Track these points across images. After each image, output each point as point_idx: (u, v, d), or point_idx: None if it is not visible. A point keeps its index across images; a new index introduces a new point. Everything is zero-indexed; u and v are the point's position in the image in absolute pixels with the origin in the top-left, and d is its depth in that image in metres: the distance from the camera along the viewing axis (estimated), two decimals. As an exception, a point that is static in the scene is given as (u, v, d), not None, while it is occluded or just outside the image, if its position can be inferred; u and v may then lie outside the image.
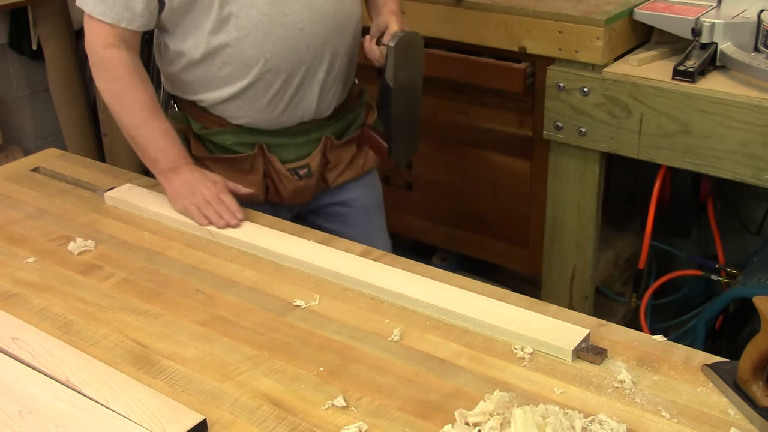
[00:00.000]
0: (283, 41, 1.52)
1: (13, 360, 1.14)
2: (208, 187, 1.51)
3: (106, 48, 1.51)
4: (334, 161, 1.70)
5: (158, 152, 1.55)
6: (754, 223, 2.30)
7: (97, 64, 1.53)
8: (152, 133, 1.54)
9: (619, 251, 2.29)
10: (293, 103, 1.60)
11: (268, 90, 1.56)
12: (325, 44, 1.56)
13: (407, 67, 1.55)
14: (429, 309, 1.25)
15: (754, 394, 1.01)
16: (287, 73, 1.55)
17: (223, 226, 1.47)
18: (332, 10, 1.55)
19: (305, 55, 1.55)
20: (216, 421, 1.04)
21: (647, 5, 1.96)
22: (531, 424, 0.95)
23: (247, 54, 1.52)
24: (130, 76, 1.52)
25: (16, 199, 1.64)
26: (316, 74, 1.58)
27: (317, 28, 1.54)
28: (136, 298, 1.31)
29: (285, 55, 1.53)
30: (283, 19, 1.50)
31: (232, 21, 1.49)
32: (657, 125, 1.82)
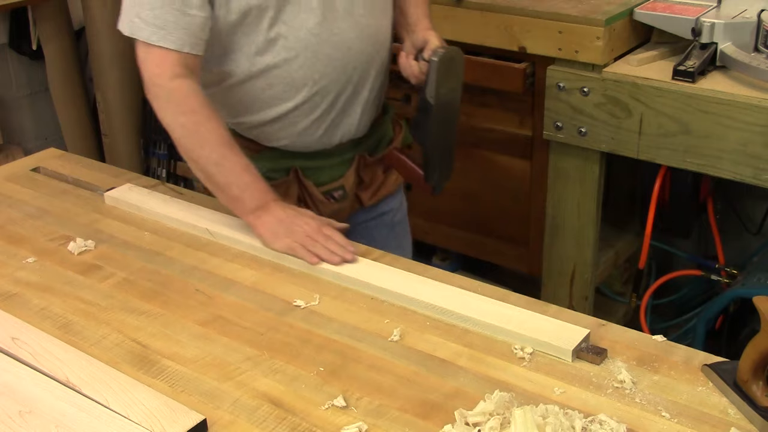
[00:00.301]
0: (333, 62, 1.46)
1: (13, 360, 1.14)
2: (307, 222, 1.39)
3: (174, 79, 1.37)
4: (368, 179, 1.64)
5: (243, 190, 1.41)
6: (754, 223, 2.30)
7: (164, 97, 1.39)
8: (234, 169, 1.41)
9: (619, 251, 2.29)
10: (335, 124, 1.53)
11: (313, 112, 1.50)
12: (370, 63, 1.52)
13: (448, 84, 1.48)
14: (429, 309, 1.25)
15: (754, 394, 1.01)
16: (335, 94, 1.50)
17: (339, 262, 1.34)
18: (375, 27, 1.51)
19: (352, 74, 1.50)
20: (216, 421, 1.04)
21: (647, 5, 1.96)
22: (531, 424, 0.95)
23: (295, 75, 1.45)
24: (202, 108, 1.39)
25: (16, 199, 1.64)
26: (360, 94, 1.53)
27: (364, 47, 1.49)
28: (136, 298, 1.31)
29: (334, 75, 1.47)
30: (332, 38, 1.44)
31: (280, 42, 1.42)
32: (657, 125, 1.82)
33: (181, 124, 1.40)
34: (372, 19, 1.50)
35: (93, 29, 3.10)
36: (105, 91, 3.19)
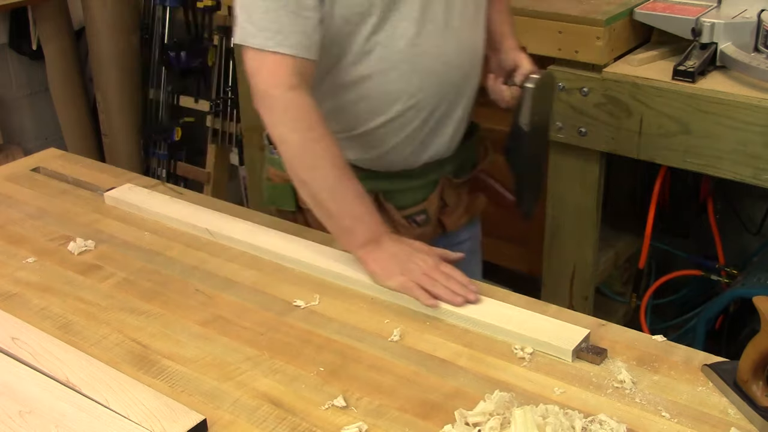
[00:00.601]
0: (430, 76, 1.37)
1: (13, 360, 1.14)
2: (424, 259, 1.27)
3: (290, 89, 1.26)
4: (452, 203, 1.54)
5: (356, 221, 1.29)
6: (754, 223, 2.30)
7: (279, 110, 1.27)
8: (347, 196, 1.29)
9: (619, 251, 2.29)
10: (425, 142, 1.44)
11: (404, 128, 1.41)
12: (466, 79, 1.44)
13: (541, 109, 1.44)
14: (429, 309, 1.25)
15: (754, 394, 1.01)
16: (428, 110, 1.40)
17: (461, 303, 1.22)
18: (473, 41, 1.43)
19: (449, 91, 1.41)
20: (216, 421, 1.04)
21: (647, 5, 1.96)
22: (531, 424, 0.95)
23: (390, 88, 1.36)
24: (319, 124, 1.27)
25: (16, 199, 1.64)
26: (454, 111, 1.45)
27: (461, 62, 1.41)
28: (136, 298, 1.31)
29: (430, 90, 1.38)
30: (431, 51, 1.36)
31: (377, 51, 1.32)
32: (657, 125, 1.82)
33: (295, 141, 1.28)
34: (469, 32, 1.42)
35: (93, 29, 3.11)
36: (105, 91, 3.19)
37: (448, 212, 1.56)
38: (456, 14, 1.39)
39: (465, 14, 1.41)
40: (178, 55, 3.06)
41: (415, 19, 1.33)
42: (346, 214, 1.29)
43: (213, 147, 3.09)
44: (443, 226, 1.56)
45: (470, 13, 1.42)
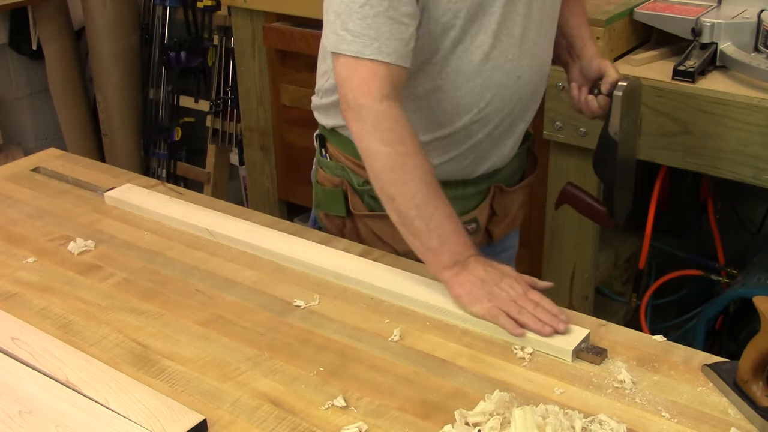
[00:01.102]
0: (502, 90, 1.34)
1: (13, 360, 1.14)
2: (512, 285, 1.21)
3: (383, 100, 1.21)
4: (502, 213, 1.51)
5: (444, 242, 1.23)
6: (754, 223, 2.30)
7: (370, 121, 1.22)
8: (436, 215, 1.22)
9: (619, 251, 2.29)
10: (484, 155, 1.42)
11: (467, 140, 1.38)
12: (535, 93, 1.42)
13: (630, 117, 1.41)
14: (429, 309, 1.25)
15: (754, 394, 1.01)
16: (494, 124, 1.38)
17: (550, 333, 1.15)
18: (545, 56, 1.41)
19: (516, 104, 1.39)
20: (216, 421, 1.04)
21: (647, 5, 1.96)
22: (531, 424, 0.95)
23: (461, 101, 1.33)
24: (411, 138, 1.23)
25: (16, 199, 1.64)
26: (518, 126, 1.43)
27: (533, 77, 1.38)
28: (136, 298, 1.31)
29: (499, 105, 1.36)
30: (505, 65, 1.33)
31: (453, 64, 1.30)
32: (657, 125, 1.82)
33: (386, 154, 1.22)
34: (543, 48, 1.40)
35: (93, 29, 3.11)
36: (105, 91, 3.19)
37: (496, 221, 1.53)
38: (533, 28, 1.35)
39: (542, 28, 1.37)
40: (178, 55, 3.06)
41: (493, 31, 1.30)
42: (434, 234, 1.23)
43: (213, 147, 3.09)
44: (490, 235, 1.53)
45: (546, 26, 1.39)
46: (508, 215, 1.54)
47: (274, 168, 2.62)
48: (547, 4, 1.37)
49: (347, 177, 1.46)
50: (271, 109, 2.55)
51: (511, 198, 1.53)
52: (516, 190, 1.53)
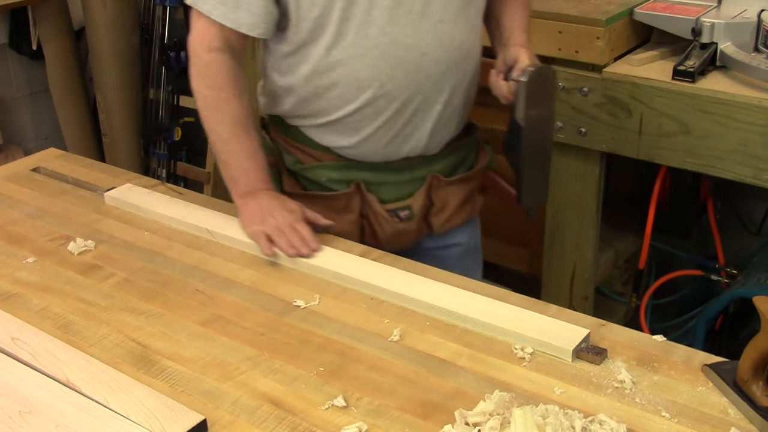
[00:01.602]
0: (403, 66, 1.40)
1: (13, 360, 1.14)
2: (283, 215, 1.41)
3: (210, 51, 1.41)
4: (440, 204, 1.57)
5: (240, 173, 1.46)
6: (754, 223, 2.30)
7: (197, 67, 1.44)
8: (238, 152, 1.45)
9: (619, 251, 2.29)
10: (402, 135, 1.48)
11: (377, 117, 1.45)
12: (447, 73, 1.45)
13: (539, 104, 1.43)
14: (429, 309, 1.25)
15: (754, 394, 1.01)
16: (402, 101, 1.44)
17: (294, 254, 1.36)
18: (460, 37, 1.44)
19: (424, 83, 1.43)
20: (216, 421, 1.04)
21: (647, 5, 1.96)
22: (531, 424, 0.95)
23: (361, 75, 1.41)
24: (229, 85, 1.43)
25: (16, 199, 1.64)
26: (432, 106, 1.47)
27: (441, 55, 1.42)
28: (136, 298, 1.31)
29: (403, 81, 1.41)
30: (405, 40, 1.39)
31: (349, 37, 1.38)
32: (657, 125, 1.82)
33: (204, 96, 1.44)
34: (453, 27, 1.42)
35: (93, 29, 3.10)
36: (105, 91, 3.19)
37: (435, 212, 1.57)
38: (437, 7, 1.40)
39: (449, 8, 1.41)
40: (178, 55, 3.05)
41: (387, 7, 1.37)
42: (235, 166, 1.46)
43: (213, 147, 3.08)
44: (430, 226, 1.58)
45: (457, 8, 1.43)
46: (447, 208, 1.57)
47: (274, 168, 2.62)
48: None
49: (281, 157, 1.57)
50: (271, 109, 2.55)
51: (451, 190, 1.57)
52: (454, 182, 1.56)
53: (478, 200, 1.64)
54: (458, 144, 1.57)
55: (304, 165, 1.54)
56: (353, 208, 1.53)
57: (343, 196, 1.52)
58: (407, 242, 1.58)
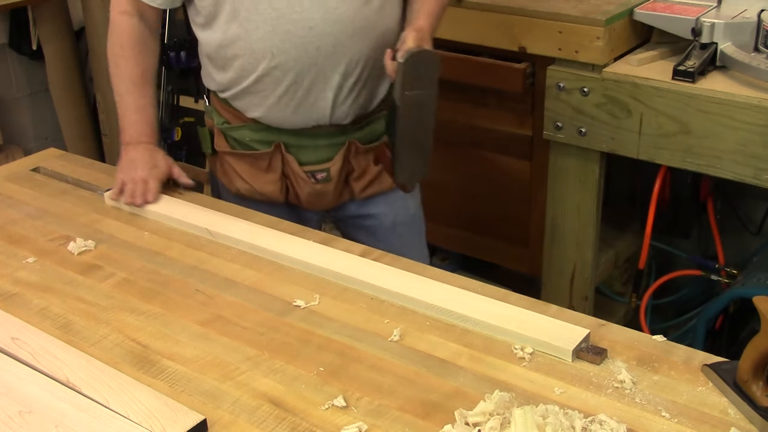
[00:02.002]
0: (292, 38, 1.50)
1: (13, 360, 1.14)
2: (144, 168, 1.59)
3: (121, 14, 1.59)
4: (359, 170, 1.66)
5: (129, 124, 1.63)
6: (754, 223, 2.30)
7: (110, 27, 1.62)
8: (129, 105, 1.62)
9: (619, 251, 2.29)
10: (305, 104, 1.57)
11: (276, 87, 1.55)
12: (338, 47, 1.52)
13: (416, 86, 1.47)
14: (429, 309, 1.25)
15: (754, 394, 1.01)
16: (296, 72, 1.53)
17: (128, 202, 1.56)
18: (350, 13, 1.51)
19: (316, 55, 1.52)
20: (216, 421, 1.04)
21: (647, 5, 1.96)
22: (531, 424, 0.95)
23: (255, 47, 1.52)
24: (131, 46, 1.60)
25: (16, 199, 1.64)
26: (330, 78, 1.55)
27: (330, 29, 1.50)
28: (136, 298, 1.31)
29: (293, 52, 1.51)
30: (292, 15, 1.49)
31: (243, 13, 1.50)
32: (657, 125, 1.82)
33: (112, 53, 1.63)
34: (343, 4, 1.50)
35: (93, 29, 3.10)
36: (105, 91, 3.18)
37: (355, 178, 1.68)
38: None
39: None
40: (178, 55, 3.05)
41: None
42: (125, 117, 1.64)
43: (213, 147, 3.08)
44: (352, 191, 1.69)
45: None
46: (366, 174, 1.68)
47: (274, 168, 2.62)
48: None
49: (214, 118, 1.69)
50: (271, 109, 2.55)
51: (369, 157, 1.67)
52: (370, 150, 1.66)
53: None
54: (375, 116, 1.66)
55: (230, 125, 1.66)
56: (275, 167, 1.64)
57: (265, 156, 1.63)
58: (327, 203, 1.69)
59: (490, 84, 2.04)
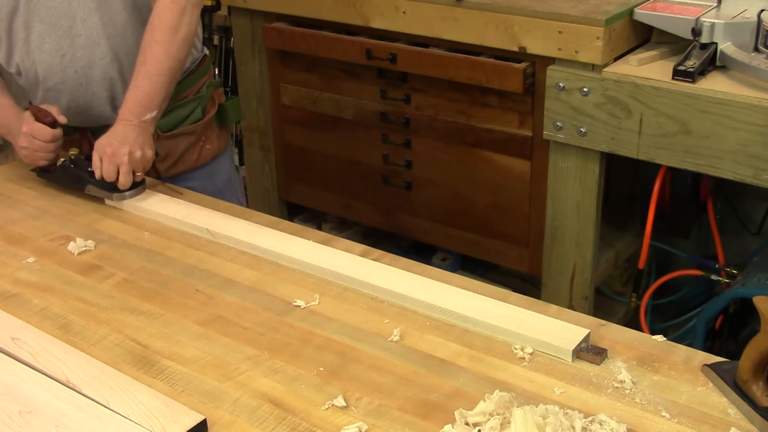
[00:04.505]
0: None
1: (13, 360, 1.14)
2: (24, 138, 1.66)
3: None
4: (163, 153, 1.80)
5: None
6: (754, 223, 2.30)
7: None
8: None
9: (619, 251, 2.29)
10: (81, 107, 1.78)
11: (51, 96, 1.77)
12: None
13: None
14: (429, 309, 1.25)
15: (754, 394, 1.01)
16: (46, 87, 1.78)
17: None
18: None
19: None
20: (216, 421, 1.04)
21: (647, 5, 1.96)
22: (531, 424, 0.95)
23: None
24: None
25: (16, 199, 1.64)
26: (87, 88, 1.77)
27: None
28: (136, 298, 1.31)
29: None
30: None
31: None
32: (657, 125, 1.82)
33: None
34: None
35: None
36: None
37: (159, 160, 1.77)
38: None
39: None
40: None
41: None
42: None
43: (212, 147, 3.09)
44: (157, 170, 1.75)
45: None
46: (170, 157, 1.83)
47: (274, 168, 2.62)
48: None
49: None
50: (271, 109, 2.55)
51: (175, 142, 1.84)
52: (172, 137, 1.82)
53: (205, 151, 1.90)
54: (174, 105, 1.79)
55: None
56: (84, 150, 1.77)
57: (75, 140, 1.80)
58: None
59: (490, 84, 2.04)
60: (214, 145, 1.93)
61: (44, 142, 1.64)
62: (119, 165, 1.57)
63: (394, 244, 2.60)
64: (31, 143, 1.65)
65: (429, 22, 2.09)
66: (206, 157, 1.90)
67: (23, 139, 1.65)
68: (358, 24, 2.22)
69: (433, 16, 2.08)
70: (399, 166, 2.31)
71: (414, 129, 2.25)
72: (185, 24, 1.70)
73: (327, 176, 2.48)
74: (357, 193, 2.45)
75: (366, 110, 2.32)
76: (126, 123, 1.61)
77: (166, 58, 1.64)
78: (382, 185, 2.37)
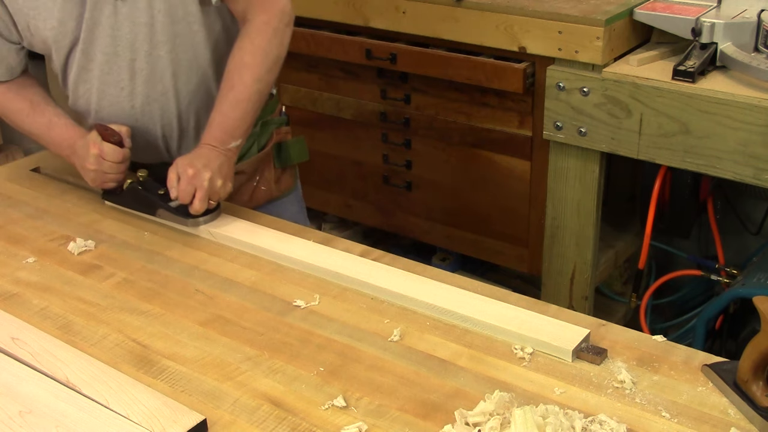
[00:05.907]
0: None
1: (13, 360, 1.14)
2: (88, 158, 1.55)
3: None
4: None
5: (56, 144, 1.65)
6: (754, 223, 2.30)
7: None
8: (39, 129, 1.65)
9: (619, 251, 2.30)
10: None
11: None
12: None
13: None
14: (429, 309, 1.25)
15: (754, 394, 1.01)
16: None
17: (100, 183, 1.57)
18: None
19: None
20: (216, 421, 1.04)
21: (647, 5, 1.96)
22: (531, 424, 0.95)
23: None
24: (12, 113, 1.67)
25: (16, 199, 1.64)
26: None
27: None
28: (136, 298, 1.31)
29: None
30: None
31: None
32: (657, 125, 1.82)
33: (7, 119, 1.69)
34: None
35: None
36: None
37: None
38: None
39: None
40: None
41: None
42: (50, 142, 1.65)
43: (213, 147, 3.08)
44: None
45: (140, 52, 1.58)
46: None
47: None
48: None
49: None
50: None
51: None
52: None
53: (260, 190, 1.76)
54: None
55: None
56: None
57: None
58: None
59: (490, 84, 2.04)
60: (271, 187, 1.76)
61: (114, 163, 1.53)
62: (197, 188, 1.45)
63: (394, 244, 2.60)
64: (100, 165, 1.53)
65: (429, 22, 2.09)
66: (259, 200, 1.75)
67: (92, 161, 1.53)
68: (358, 24, 2.22)
69: (433, 16, 2.08)
70: (399, 166, 2.32)
71: (414, 129, 2.25)
72: (276, 46, 1.56)
73: (327, 176, 2.48)
74: (357, 193, 2.45)
75: (366, 110, 2.32)
76: (211, 148, 1.50)
77: (254, 82, 1.53)
78: (382, 185, 2.37)
